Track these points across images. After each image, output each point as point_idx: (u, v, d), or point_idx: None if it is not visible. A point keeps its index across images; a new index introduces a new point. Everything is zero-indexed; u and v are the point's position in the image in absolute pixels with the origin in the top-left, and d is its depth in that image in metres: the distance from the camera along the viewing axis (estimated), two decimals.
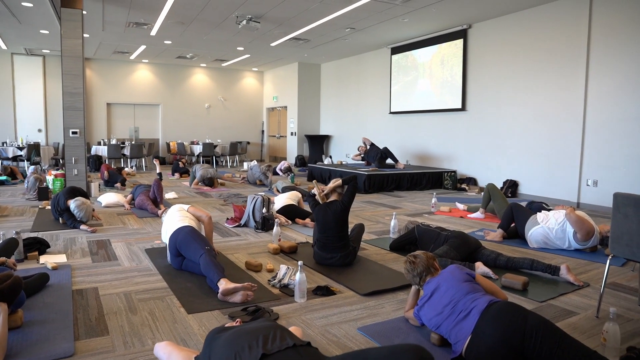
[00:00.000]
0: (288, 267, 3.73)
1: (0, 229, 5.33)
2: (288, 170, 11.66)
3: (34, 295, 3.27)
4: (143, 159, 13.15)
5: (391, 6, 8.03)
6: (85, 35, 10.50)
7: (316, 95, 15.14)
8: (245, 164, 13.50)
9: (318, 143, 14.71)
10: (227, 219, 5.96)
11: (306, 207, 6.63)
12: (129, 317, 2.95)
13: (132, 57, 13.59)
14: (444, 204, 7.28)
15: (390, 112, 11.71)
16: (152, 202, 6.61)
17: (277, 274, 3.68)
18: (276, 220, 4.93)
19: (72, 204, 5.33)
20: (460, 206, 6.86)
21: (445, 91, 10.03)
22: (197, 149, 14.24)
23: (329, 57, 13.58)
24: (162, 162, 14.95)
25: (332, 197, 4.22)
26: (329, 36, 10.60)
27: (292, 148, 15.31)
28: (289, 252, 4.49)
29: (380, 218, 6.35)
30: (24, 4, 8.04)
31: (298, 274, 3.24)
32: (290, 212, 6.08)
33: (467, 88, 9.52)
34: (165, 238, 4.07)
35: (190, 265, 3.82)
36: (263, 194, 5.84)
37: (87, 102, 14.12)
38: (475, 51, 9.32)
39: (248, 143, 16.52)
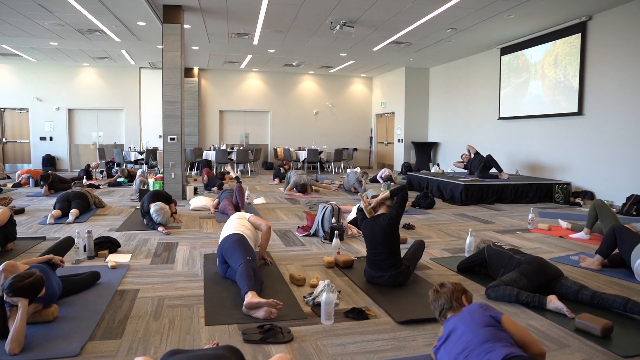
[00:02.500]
0: (327, 284, 3.48)
1: (93, 226, 5.86)
2: (388, 178, 11.27)
3: (81, 292, 3.43)
4: (249, 164, 13.72)
5: (491, 2, 7.32)
6: (195, 47, 11.29)
7: (424, 100, 14.52)
8: (348, 170, 13.39)
9: (425, 150, 14.09)
10: (298, 227, 5.85)
11: None
12: (149, 323, 2.95)
13: (242, 66, 14.30)
14: (545, 220, 6.40)
15: (499, 118, 10.74)
16: (233, 207, 6.77)
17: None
18: (335, 232, 4.68)
19: (152, 207, 5.64)
20: (563, 224, 5.95)
21: (558, 92, 8.91)
22: (303, 155, 14.47)
23: (437, 60, 12.93)
24: (270, 167, 15.47)
25: (381, 210, 3.87)
26: (431, 38, 10.06)
27: (399, 155, 14.86)
28: (344, 267, 4.21)
29: (465, 234, 5.74)
30: (138, 23, 8.85)
31: (325, 293, 2.98)
32: None
33: (585, 89, 8.32)
34: None
35: (232, 273, 3.74)
36: (334, 203, 5.63)
37: (201, 109, 15.18)
38: (595, 46, 8.10)
39: (355, 150, 16.42)
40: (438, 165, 13.21)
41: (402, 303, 3.31)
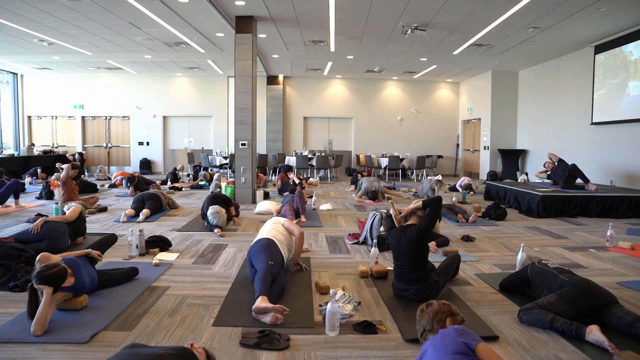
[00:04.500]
0: (344, 294, 3.40)
1: (160, 226, 6.27)
2: (468, 187, 10.76)
3: (117, 285, 3.69)
4: (329, 170, 13.83)
5: None
6: (275, 55, 11.67)
7: (512, 105, 13.64)
8: (428, 177, 12.96)
9: (512, 158, 13.22)
10: (349, 234, 5.77)
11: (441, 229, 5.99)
12: (162, 319, 3.08)
13: (325, 73, 14.48)
14: (631, 239, 5.68)
15: (592, 123, 9.74)
16: (294, 212, 6.84)
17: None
18: (374, 241, 4.55)
19: (209, 210, 5.90)
20: None
21: None
22: (384, 162, 14.25)
23: (525, 63, 12.09)
24: (350, 173, 15.46)
25: (411, 221, 3.67)
26: (513, 39, 9.43)
27: (485, 163, 14.10)
28: (377, 278, 4.08)
29: (528, 248, 5.27)
30: (217, 34, 9.36)
31: (330, 304, 2.91)
32: None
33: None
34: None
35: None
36: (384, 211, 5.47)
37: (286, 116, 15.61)
38: None
39: (439, 157, 15.88)
40: (526, 174, 12.31)
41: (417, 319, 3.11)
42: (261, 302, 3.09)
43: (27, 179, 10.74)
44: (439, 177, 10.94)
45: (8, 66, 13.54)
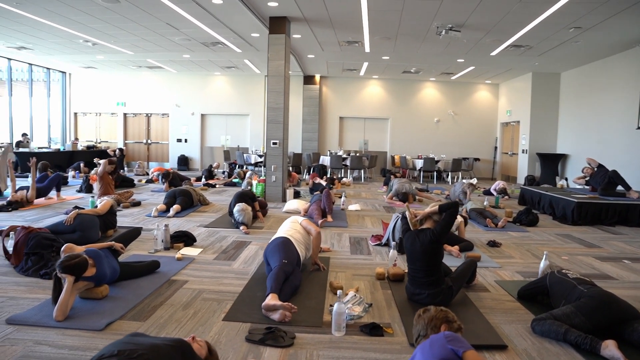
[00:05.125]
0: (355, 295, 3.41)
1: (189, 221, 6.45)
2: (503, 191, 10.50)
3: (138, 277, 3.83)
4: (363, 171, 13.79)
5: None
6: (310, 55, 11.74)
7: (554, 108, 13.18)
8: (463, 181, 12.71)
9: (552, 163, 12.78)
10: (372, 235, 5.75)
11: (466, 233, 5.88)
12: (175, 311, 3.19)
13: (361, 73, 14.44)
14: None
15: (639, 127, 9.30)
16: (320, 212, 6.88)
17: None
18: (393, 243, 4.53)
19: (236, 207, 6.02)
20: None
21: None
22: (419, 164, 14.07)
23: (567, 64, 11.66)
24: (384, 174, 15.36)
25: (426, 225, 3.63)
26: (554, 40, 9.11)
27: (523, 167, 13.72)
28: (393, 280, 4.06)
29: (556, 256, 5.11)
30: (252, 34, 9.52)
31: (336, 304, 2.93)
32: None
33: None
34: None
35: None
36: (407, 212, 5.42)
37: (322, 116, 15.67)
38: None
39: (476, 160, 15.53)
40: (566, 179, 11.88)
41: None
42: (271, 299, 3.15)
43: (71, 173, 11.27)
44: (473, 181, 10.74)
45: (57, 65, 14.23)
